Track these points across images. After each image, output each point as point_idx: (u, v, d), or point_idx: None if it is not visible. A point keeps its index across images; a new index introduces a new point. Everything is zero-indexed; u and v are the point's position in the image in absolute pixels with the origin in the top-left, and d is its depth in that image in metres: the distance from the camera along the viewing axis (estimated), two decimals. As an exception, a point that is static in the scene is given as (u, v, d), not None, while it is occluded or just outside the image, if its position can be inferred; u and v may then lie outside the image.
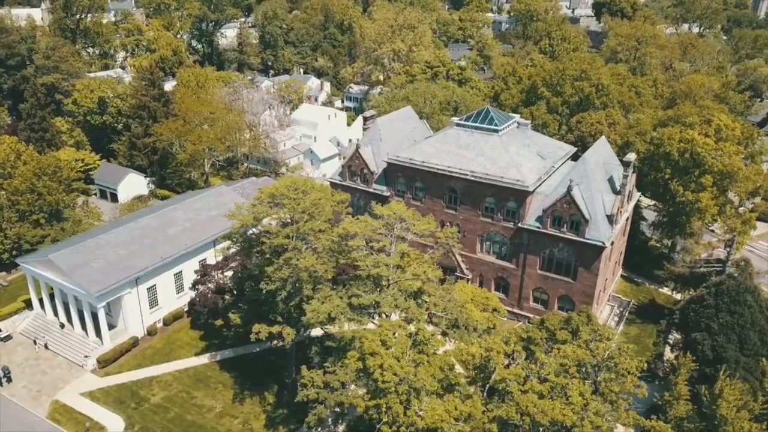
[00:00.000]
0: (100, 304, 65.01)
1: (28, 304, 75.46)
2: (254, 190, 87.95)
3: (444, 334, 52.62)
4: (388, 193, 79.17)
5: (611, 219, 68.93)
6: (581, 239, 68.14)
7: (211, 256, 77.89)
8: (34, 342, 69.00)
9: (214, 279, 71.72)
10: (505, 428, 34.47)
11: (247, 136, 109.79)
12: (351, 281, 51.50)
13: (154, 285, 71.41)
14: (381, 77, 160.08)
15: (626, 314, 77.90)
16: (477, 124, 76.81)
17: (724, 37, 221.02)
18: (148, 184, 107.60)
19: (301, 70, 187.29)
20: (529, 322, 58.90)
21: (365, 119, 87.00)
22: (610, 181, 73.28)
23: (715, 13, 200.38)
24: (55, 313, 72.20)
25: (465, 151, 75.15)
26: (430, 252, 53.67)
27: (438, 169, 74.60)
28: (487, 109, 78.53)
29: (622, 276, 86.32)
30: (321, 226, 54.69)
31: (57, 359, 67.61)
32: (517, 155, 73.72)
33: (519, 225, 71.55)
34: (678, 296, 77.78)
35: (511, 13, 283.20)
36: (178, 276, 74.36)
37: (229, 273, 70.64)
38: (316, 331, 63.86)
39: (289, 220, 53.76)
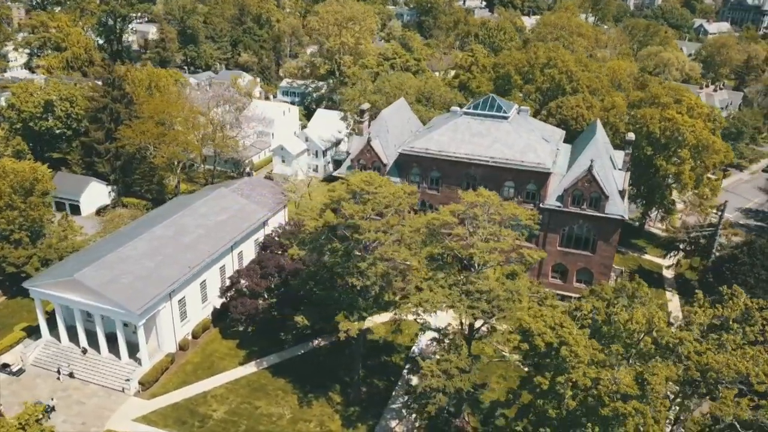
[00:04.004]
0: (140, 322, 60.25)
1: (29, 333, 68.02)
2: (252, 191, 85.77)
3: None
4: (402, 185, 79.71)
5: (622, 194, 74.74)
6: (601, 214, 73.26)
7: (229, 263, 74.55)
8: (58, 372, 62.38)
9: (243, 284, 69.10)
10: (682, 387, 37.65)
11: (206, 136, 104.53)
12: (444, 268, 52.19)
13: (184, 297, 67.20)
14: (310, 71, 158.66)
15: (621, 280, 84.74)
16: (486, 112, 79.45)
17: (606, 26, 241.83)
18: (110, 192, 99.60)
19: (223, 66, 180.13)
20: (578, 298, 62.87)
21: (361, 112, 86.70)
22: (611, 159, 79.18)
23: (607, 5, 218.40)
24: (70, 339, 65.68)
25: (479, 139, 77.59)
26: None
27: (457, 157, 76.46)
28: (492, 97, 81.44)
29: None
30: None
31: (89, 387, 61.74)
32: (528, 140, 77.37)
33: (540, 206, 75.31)
34: (668, 262, 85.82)
35: (411, 5, 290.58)
36: (203, 285, 70.45)
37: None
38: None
39: (370, 215, 53.07)
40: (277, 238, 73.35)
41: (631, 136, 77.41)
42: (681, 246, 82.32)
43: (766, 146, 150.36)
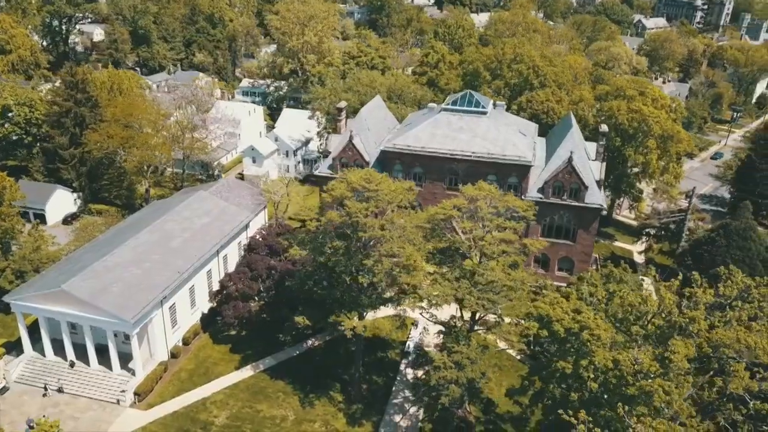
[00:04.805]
0: (134, 331, 58.54)
1: (8, 349, 65.04)
2: (231, 193, 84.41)
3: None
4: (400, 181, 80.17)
5: (599, 184, 77.44)
6: (581, 204, 75.72)
7: (215, 267, 73.24)
8: (44, 388, 59.90)
9: (234, 288, 68.05)
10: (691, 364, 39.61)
11: (175, 137, 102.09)
12: (446, 262, 53.00)
13: (174, 303, 65.65)
14: (268, 71, 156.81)
15: (599, 267, 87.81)
16: (465, 108, 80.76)
17: (552, 23, 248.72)
18: (76, 200, 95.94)
19: (178, 67, 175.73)
20: (568, 285, 65.01)
21: (339, 110, 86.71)
22: (585, 150, 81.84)
23: (554, 1, 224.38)
24: (56, 352, 63.12)
25: (460, 134, 78.82)
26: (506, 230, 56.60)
27: (440, 152, 77.46)
28: (470, 93, 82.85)
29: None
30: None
31: (80, 401, 59.55)
32: (507, 134, 79.14)
33: (522, 197, 77.03)
34: (639, 247, 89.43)
35: (362, 4, 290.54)
36: (192, 290, 68.97)
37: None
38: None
39: (373, 213, 53.30)
40: (262, 240, 72.57)
41: (605, 127, 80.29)
42: (652, 232, 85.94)
43: (712, 135, 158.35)
